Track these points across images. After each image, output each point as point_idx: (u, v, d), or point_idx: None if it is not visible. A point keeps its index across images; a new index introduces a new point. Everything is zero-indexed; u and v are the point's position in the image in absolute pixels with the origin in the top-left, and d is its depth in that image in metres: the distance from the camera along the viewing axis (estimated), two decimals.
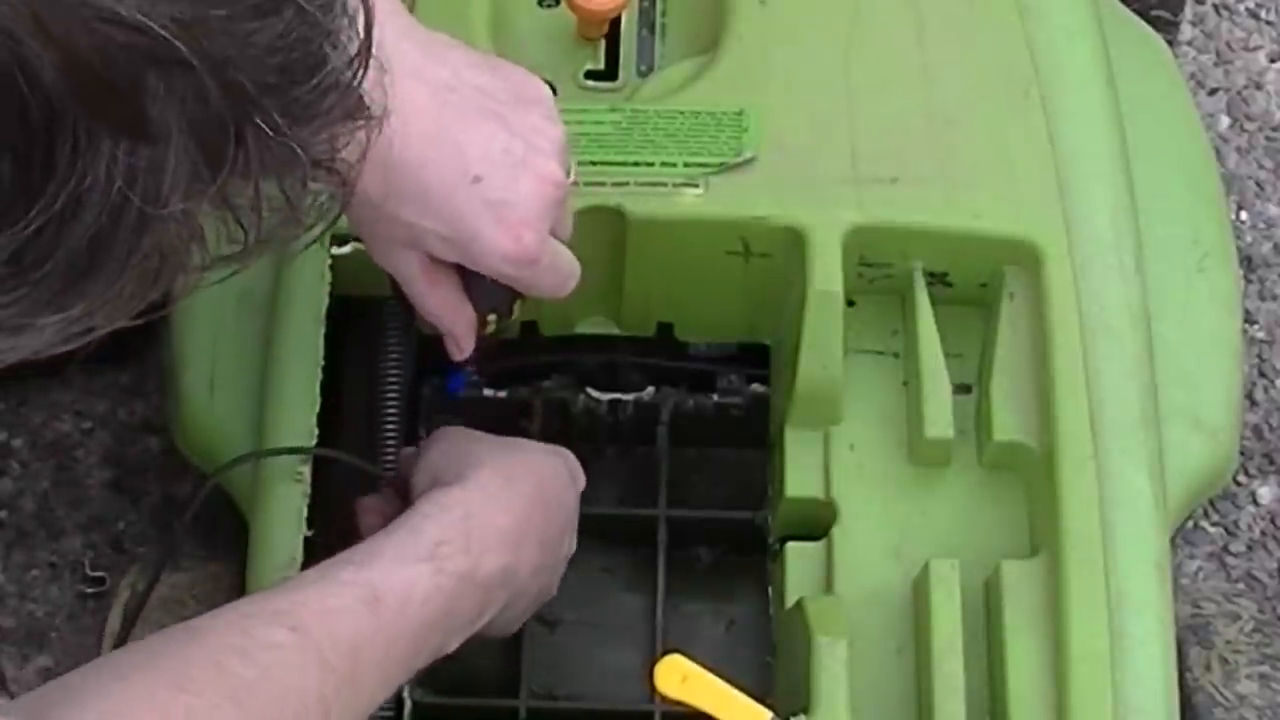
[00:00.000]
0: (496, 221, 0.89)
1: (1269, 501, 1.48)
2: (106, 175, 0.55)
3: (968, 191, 1.06)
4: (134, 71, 0.54)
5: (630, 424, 1.11)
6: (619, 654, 1.08)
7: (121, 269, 0.57)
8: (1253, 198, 1.59)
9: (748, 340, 1.11)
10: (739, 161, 1.05)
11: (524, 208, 0.90)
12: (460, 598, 0.91)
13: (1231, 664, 1.09)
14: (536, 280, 0.93)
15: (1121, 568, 0.98)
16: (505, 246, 0.90)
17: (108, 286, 0.58)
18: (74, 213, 0.55)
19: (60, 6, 0.53)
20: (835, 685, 0.96)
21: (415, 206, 0.89)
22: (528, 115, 0.91)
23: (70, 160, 0.54)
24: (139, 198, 0.56)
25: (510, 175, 0.89)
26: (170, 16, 0.54)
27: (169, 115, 0.55)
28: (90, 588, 1.36)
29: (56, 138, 0.54)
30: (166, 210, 0.57)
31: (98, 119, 0.54)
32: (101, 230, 0.56)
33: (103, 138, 0.54)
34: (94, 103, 0.54)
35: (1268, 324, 1.54)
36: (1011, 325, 1.04)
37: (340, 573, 0.88)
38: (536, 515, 0.96)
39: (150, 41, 0.54)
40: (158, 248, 0.58)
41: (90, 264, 0.56)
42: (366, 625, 0.86)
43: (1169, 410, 1.06)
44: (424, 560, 0.90)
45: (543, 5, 1.13)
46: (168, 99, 0.55)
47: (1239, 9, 1.67)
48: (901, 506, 1.03)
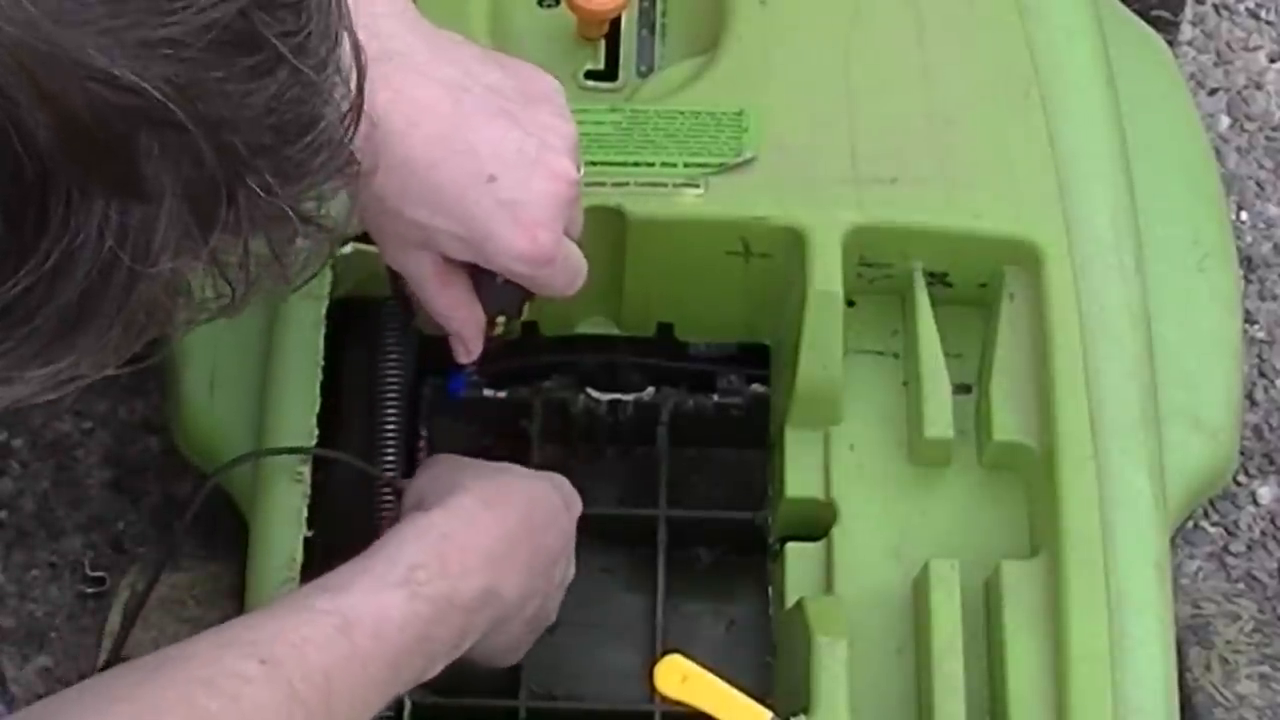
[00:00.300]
0: (511, 221, 0.89)
1: (1269, 501, 1.48)
2: (98, 233, 0.55)
3: (968, 191, 1.06)
4: (128, 132, 0.54)
5: (630, 424, 1.11)
6: (619, 654, 1.08)
7: (110, 324, 0.57)
8: (1253, 198, 1.59)
9: (748, 340, 1.11)
10: (739, 161, 1.05)
11: (538, 207, 0.89)
12: (438, 622, 0.89)
13: (1231, 664, 1.09)
14: (550, 280, 0.92)
15: (1121, 568, 0.98)
16: (521, 246, 0.89)
17: (96, 340, 0.58)
18: (65, 270, 0.55)
19: (55, 66, 0.52)
20: (835, 685, 0.96)
21: (428, 207, 0.88)
22: (539, 113, 0.91)
23: (63, 218, 0.54)
24: (129, 256, 0.56)
25: (524, 174, 0.89)
26: (165, 78, 0.54)
27: (162, 175, 0.55)
28: (90, 588, 1.36)
29: (49, 196, 0.54)
30: (156, 269, 0.57)
31: (91, 178, 0.54)
32: (91, 287, 0.56)
33: (95, 196, 0.54)
34: (87, 162, 0.54)
35: (1268, 324, 1.54)
36: (1011, 325, 1.04)
37: (315, 600, 0.86)
38: (522, 538, 0.95)
39: (144, 103, 0.54)
40: (146, 304, 0.58)
41: (79, 319, 0.56)
42: (340, 653, 0.85)
43: (1169, 410, 1.06)
44: (399, 585, 0.88)
45: (543, 5, 1.13)
46: (161, 159, 0.55)
47: (1239, 9, 1.67)
48: (901, 506, 1.03)
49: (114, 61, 0.53)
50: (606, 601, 1.10)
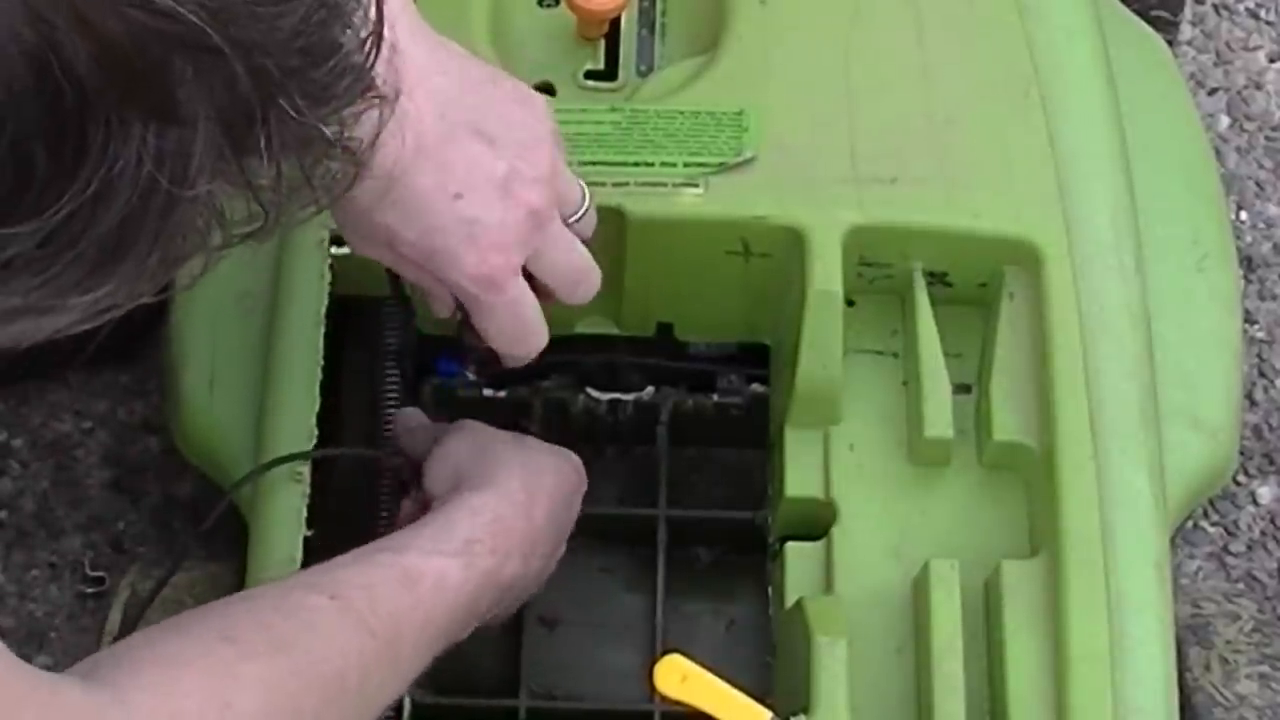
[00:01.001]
0: (468, 240, 0.90)
1: (1269, 501, 1.48)
2: (137, 159, 0.56)
3: (968, 191, 1.06)
4: (164, 56, 0.55)
5: (630, 424, 1.11)
6: (619, 654, 1.08)
7: (149, 250, 0.58)
8: (1253, 198, 1.59)
9: (748, 340, 1.11)
10: (739, 161, 1.05)
11: (497, 231, 0.90)
12: (483, 595, 0.94)
13: (1231, 664, 1.09)
14: (495, 314, 0.93)
15: (1121, 568, 0.98)
16: (472, 267, 0.90)
17: (135, 267, 0.59)
18: (105, 196, 0.56)
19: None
20: (835, 685, 0.96)
21: (395, 213, 0.89)
22: (520, 138, 0.91)
23: (102, 145, 0.55)
24: (167, 179, 0.57)
25: (489, 197, 0.90)
26: (199, 3, 0.55)
27: (197, 99, 0.57)
28: (90, 588, 1.36)
29: (88, 123, 0.55)
30: (193, 192, 0.58)
31: (129, 104, 0.55)
32: (131, 213, 0.57)
33: (133, 122, 0.56)
34: (125, 88, 0.55)
35: (1268, 324, 1.54)
36: (1011, 325, 1.04)
37: (376, 555, 0.91)
38: (550, 522, 0.99)
39: (181, 27, 0.55)
40: (183, 228, 0.59)
41: (119, 246, 0.58)
42: (405, 600, 0.89)
43: (1169, 410, 1.06)
44: (456, 555, 0.92)
45: (543, 5, 1.13)
46: (196, 83, 0.56)
47: (1239, 9, 1.67)
48: (901, 506, 1.03)
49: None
50: (606, 601, 1.10)
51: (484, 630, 0.98)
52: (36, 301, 0.58)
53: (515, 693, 1.05)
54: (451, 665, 1.06)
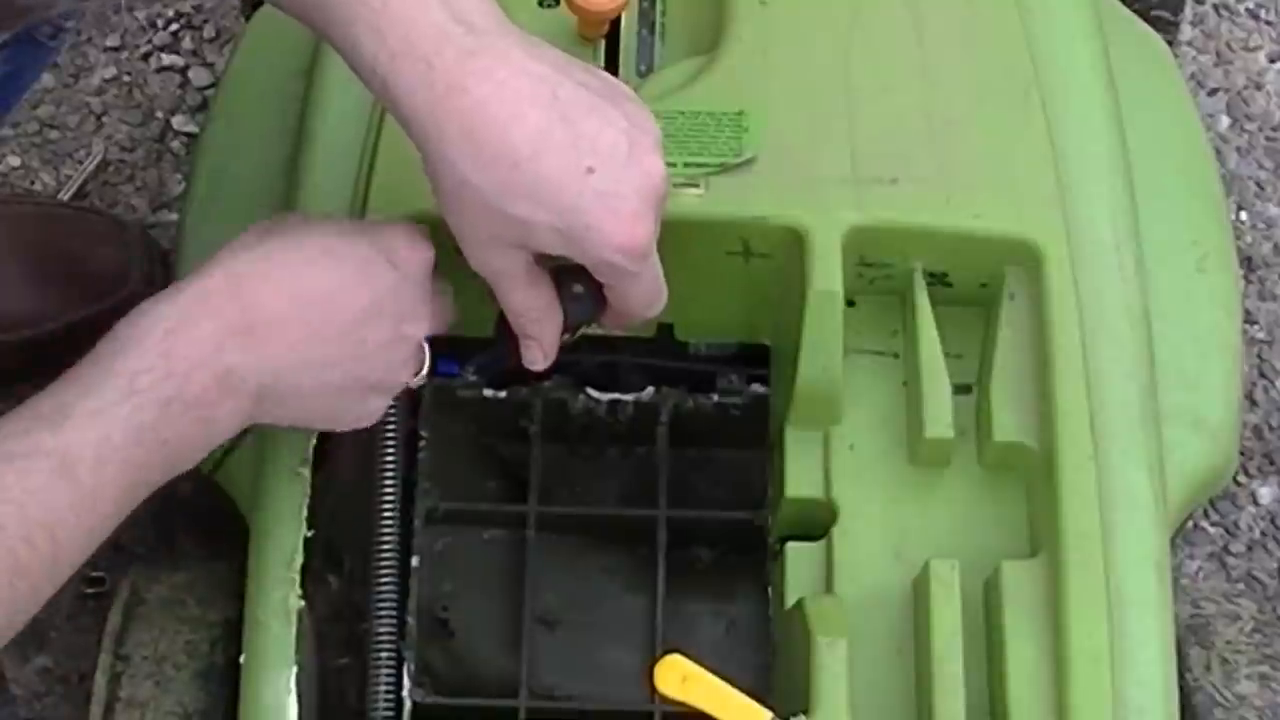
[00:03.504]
0: (610, 213, 0.89)
1: (1269, 501, 1.48)
2: None
3: (968, 191, 1.06)
4: None
5: (630, 424, 1.11)
6: (619, 654, 1.08)
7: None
8: (1253, 198, 1.59)
9: (748, 340, 1.11)
10: (739, 161, 1.05)
11: (634, 200, 0.90)
12: (169, 424, 0.87)
13: (1231, 664, 1.09)
14: (637, 282, 0.93)
15: (1121, 568, 0.98)
16: (620, 237, 0.90)
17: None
18: None
19: None
20: (835, 685, 0.96)
21: (529, 201, 0.89)
22: (626, 110, 0.91)
23: None
24: None
25: (619, 168, 0.89)
26: None
27: None
28: (90, 588, 1.36)
29: None
30: None
31: None
32: None
33: None
34: None
35: (1268, 324, 1.54)
36: (1011, 325, 1.04)
37: (35, 440, 0.84)
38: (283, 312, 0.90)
39: None
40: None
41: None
42: (64, 501, 0.84)
43: (1169, 410, 1.06)
44: (120, 401, 0.86)
45: (543, 5, 1.13)
46: None
47: (1239, 9, 1.67)
48: (901, 506, 1.04)
49: None
50: (606, 601, 1.10)
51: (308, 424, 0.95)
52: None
53: (515, 693, 1.05)
54: (451, 665, 1.06)
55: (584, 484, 1.10)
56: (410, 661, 1.03)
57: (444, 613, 1.08)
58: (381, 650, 1.02)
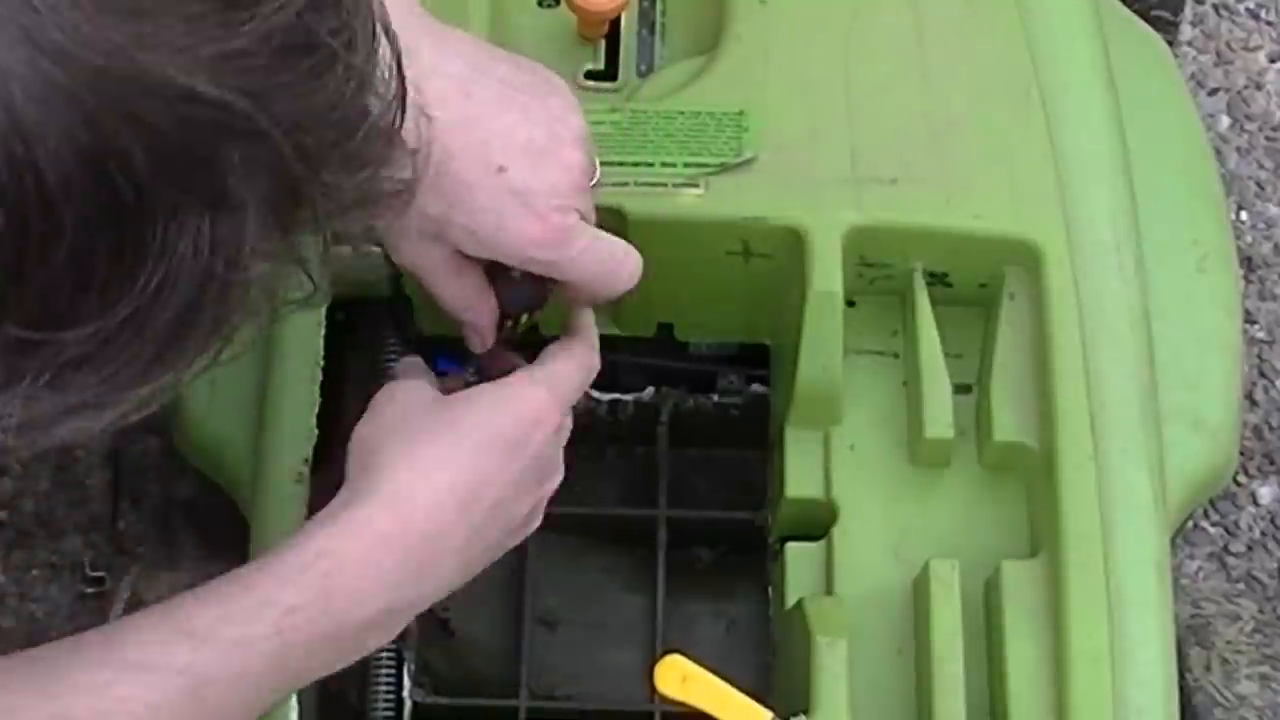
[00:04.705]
0: (523, 210, 0.88)
1: (1269, 501, 1.48)
2: (193, 250, 0.57)
3: (968, 191, 1.06)
4: (214, 145, 0.56)
5: (630, 424, 1.11)
6: (619, 654, 1.08)
7: (206, 336, 0.59)
8: (1253, 198, 1.59)
9: (748, 340, 1.11)
10: (739, 161, 1.05)
11: (550, 194, 0.89)
12: (314, 655, 0.84)
13: (1231, 664, 1.09)
14: (573, 268, 0.91)
15: (1121, 568, 0.98)
16: (532, 232, 0.88)
17: (193, 353, 0.59)
18: (163, 291, 0.56)
19: (143, 91, 0.54)
20: (835, 685, 0.96)
21: (441, 200, 0.88)
22: (548, 104, 0.91)
23: (160, 242, 0.56)
24: (222, 266, 0.57)
25: (533, 164, 0.89)
26: (240, 89, 0.56)
27: (245, 184, 0.57)
28: (90, 588, 1.36)
29: (146, 222, 0.55)
30: (246, 275, 0.59)
31: (184, 197, 0.56)
32: (188, 304, 0.57)
33: (188, 214, 0.56)
34: (179, 181, 0.55)
35: (1268, 324, 1.54)
36: (1011, 325, 1.04)
37: (173, 654, 0.80)
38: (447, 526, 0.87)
39: (227, 115, 0.56)
40: (237, 308, 0.60)
41: (177, 336, 0.58)
42: (186, 714, 0.80)
43: (1169, 410, 1.06)
44: (268, 636, 0.81)
45: (543, 5, 1.13)
46: (244, 168, 0.57)
47: (1239, 9, 1.67)
48: (901, 506, 1.04)
49: (195, 78, 0.55)
50: (606, 601, 1.10)
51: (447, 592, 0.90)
52: (96, 398, 0.58)
53: (515, 693, 1.05)
54: (451, 665, 1.06)
55: (584, 484, 1.10)
56: (410, 661, 1.03)
57: (444, 613, 1.08)
58: (381, 650, 1.02)
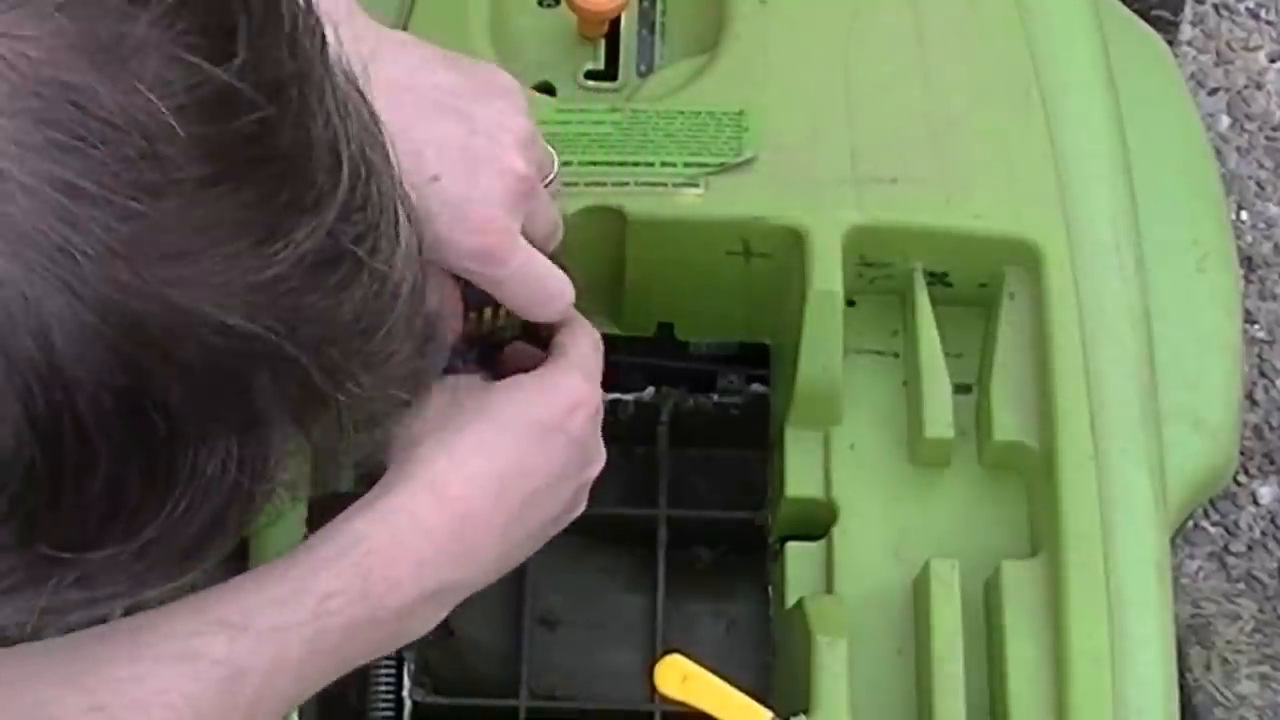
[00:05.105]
0: (458, 221, 0.86)
1: (1269, 501, 1.48)
2: (221, 469, 0.57)
3: (968, 191, 1.06)
4: (246, 373, 0.56)
5: (630, 424, 1.11)
6: (619, 654, 1.08)
7: (232, 537, 0.60)
8: (1253, 198, 1.59)
9: (748, 340, 1.11)
10: (739, 161, 1.05)
11: (485, 204, 0.86)
12: (354, 640, 0.83)
13: (1231, 664, 1.09)
14: (509, 286, 0.89)
15: (1121, 568, 0.98)
16: (468, 244, 0.86)
17: (219, 551, 0.60)
18: (191, 509, 0.57)
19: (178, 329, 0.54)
20: (835, 685, 0.96)
21: None
22: (489, 109, 0.88)
23: (190, 466, 0.56)
24: (249, 480, 0.58)
25: (468, 172, 0.86)
26: (274, 317, 0.56)
27: (274, 403, 0.58)
28: None
29: (178, 449, 0.56)
30: (271, 485, 0.59)
31: (214, 423, 0.56)
32: (215, 516, 0.58)
33: (218, 438, 0.56)
34: (211, 410, 0.56)
35: (1268, 324, 1.54)
36: (1011, 325, 1.04)
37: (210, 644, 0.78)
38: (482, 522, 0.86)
39: (259, 345, 0.56)
40: (259, 510, 0.60)
41: (203, 545, 0.59)
42: (224, 708, 0.78)
43: (1169, 410, 1.06)
44: (305, 622, 0.80)
45: (543, 5, 1.13)
46: (272, 388, 0.57)
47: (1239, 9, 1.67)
48: (901, 506, 1.03)
49: (229, 314, 0.55)
50: (606, 601, 1.10)
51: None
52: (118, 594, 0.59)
53: (515, 693, 1.05)
54: (451, 665, 1.06)
55: None
56: (410, 661, 1.03)
57: None
58: None
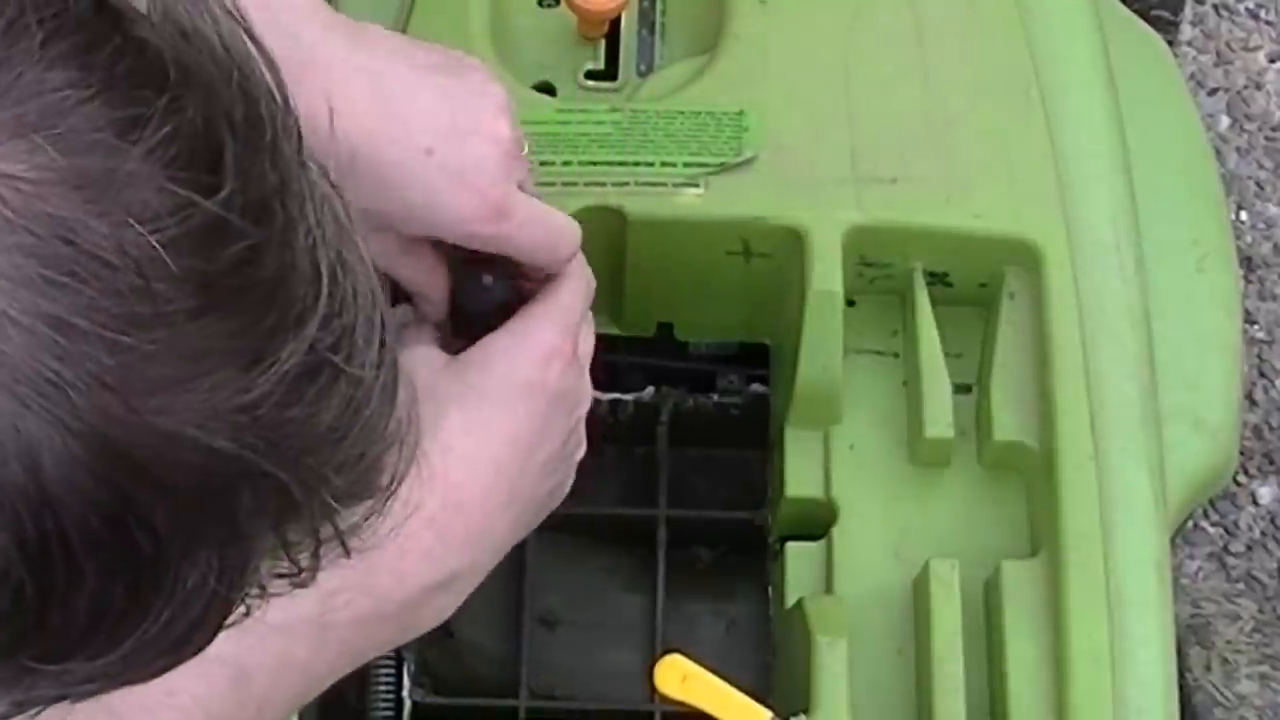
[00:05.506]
0: (456, 187, 0.87)
1: (1269, 501, 1.48)
2: (202, 581, 0.57)
3: (968, 191, 1.06)
4: (229, 491, 0.56)
5: (630, 424, 1.11)
6: (619, 654, 1.08)
7: (209, 639, 0.60)
8: (1253, 198, 1.59)
9: (748, 340, 1.11)
10: (739, 161, 1.05)
11: (479, 169, 0.87)
12: (361, 634, 0.83)
13: (1231, 664, 1.09)
14: (516, 239, 0.89)
15: (1121, 568, 0.98)
16: (469, 208, 0.87)
17: (196, 651, 0.60)
18: (173, 620, 0.57)
19: (167, 457, 0.54)
20: (835, 685, 0.96)
21: (373, 191, 0.86)
22: (467, 81, 0.89)
23: (173, 579, 0.56)
24: (226, 589, 0.58)
25: (460, 141, 0.87)
26: (256, 435, 0.56)
27: (255, 517, 0.58)
28: None
29: (162, 566, 0.56)
30: (247, 591, 0.60)
31: (197, 541, 0.56)
32: (194, 622, 0.58)
33: (200, 551, 0.57)
34: (196, 528, 0.56)
35: (1268, 324, 1.54)
36: (1011, 325, 1.04)
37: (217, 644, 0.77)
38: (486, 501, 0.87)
39: (242, 465, 0.56)
40: (233, 612, 0.60)
41: (181, 646, 0.59)
42: (232, 706, 0.79)
43: (1169, 410, 1.06)
44: (309, 620, 0.80)
45: (543, 5, 1.13)
46: (253, 503, 0.57)
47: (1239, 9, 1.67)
48: (901, 506, 1.03)
49: (214, 435, 0.55)
50: (606, 601, 1.10)
51: None
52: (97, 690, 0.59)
53: (515, 693, 1.05)
54: (451, 665, 1.06)
55: (584, 484, 1.10)
56: (410, 661, 1.03)
57: None
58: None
